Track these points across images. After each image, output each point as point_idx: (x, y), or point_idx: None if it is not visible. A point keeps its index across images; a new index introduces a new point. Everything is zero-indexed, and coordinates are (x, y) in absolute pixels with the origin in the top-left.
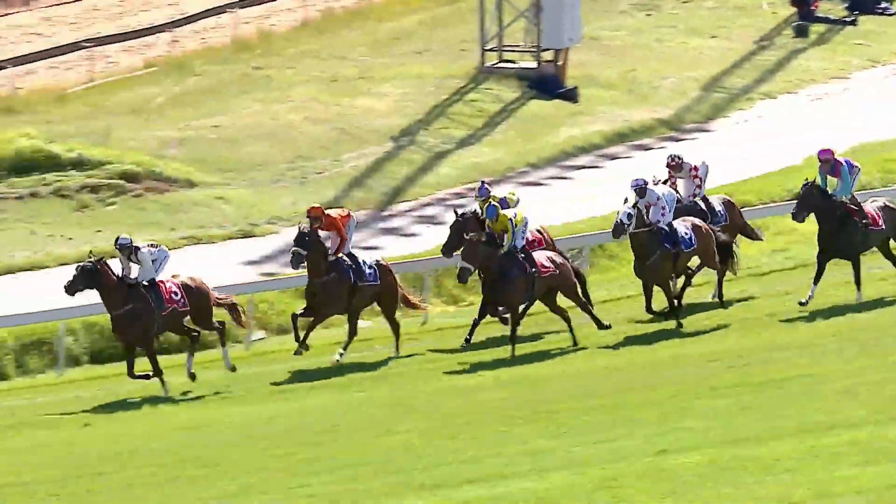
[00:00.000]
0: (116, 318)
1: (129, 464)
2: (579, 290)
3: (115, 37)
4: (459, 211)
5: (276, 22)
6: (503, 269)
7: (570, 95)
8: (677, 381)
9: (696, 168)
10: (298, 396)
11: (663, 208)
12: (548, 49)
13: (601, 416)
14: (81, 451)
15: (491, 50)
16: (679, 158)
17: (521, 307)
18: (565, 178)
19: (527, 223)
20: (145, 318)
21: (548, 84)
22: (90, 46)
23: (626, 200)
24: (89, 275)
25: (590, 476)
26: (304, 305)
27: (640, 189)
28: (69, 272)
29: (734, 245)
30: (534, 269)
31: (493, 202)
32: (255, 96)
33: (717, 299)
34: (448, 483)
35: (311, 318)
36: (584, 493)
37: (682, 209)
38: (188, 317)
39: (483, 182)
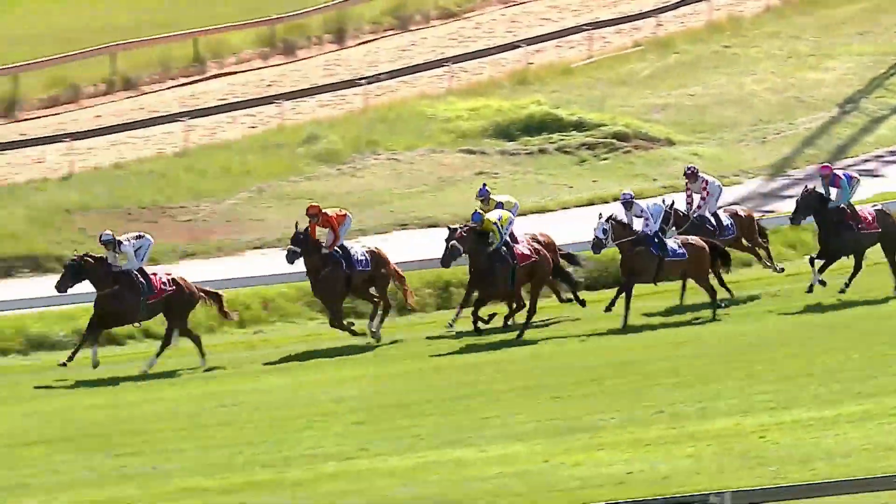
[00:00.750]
0: (101, 298)
1: (619, 374)
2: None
3: (610, 21)
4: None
5: (744, 8)
6: (490, 263)
7: None
8: None
9: (706, 182)
10: (746, 320)
11: (647, 220)
12: None
13: None
14: (581, 362)
15: None
16: (694, 169)
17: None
18: None
19: (511, 221)
20: (130, 302)
21: None
22: (589, 29)
23: (600, 216)
24: (75, 270)
25: None
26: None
27: (628, 203)
28: (570, 215)
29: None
30: (515, 262)
31: (478, 210)
32: (724, 70)
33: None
34: (882, 392)
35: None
36: None
37: (693, 225)
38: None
39: (484, 185)
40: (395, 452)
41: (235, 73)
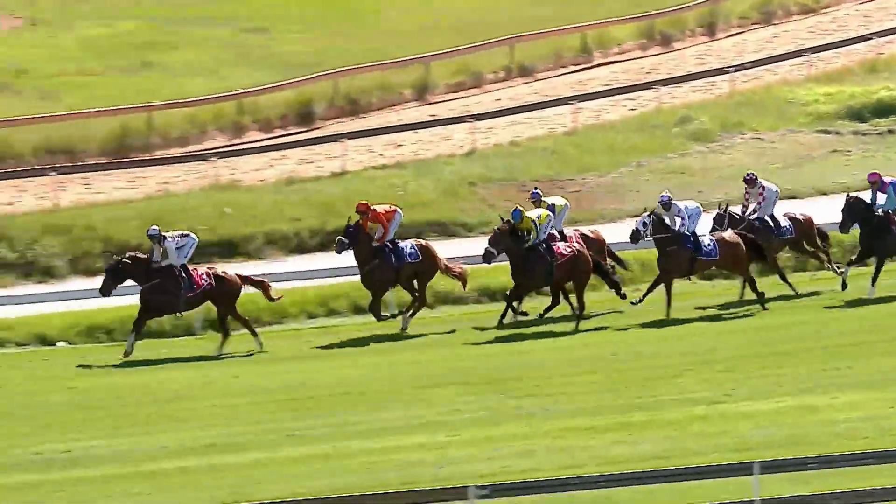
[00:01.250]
0: (144, 290)
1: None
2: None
3: None
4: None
5: None
6: (527, 259)
7: None
8: None
9: (763, 188)
10: None
11: (683, 219)
12: None
13: None
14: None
15: None
16: (754, 175)
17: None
18: None
19: (550, 220)
20: (170, 294)
21: None
22: None
23: (644, 210)
24: (115, 273)
25: None
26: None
27: (666, 203)
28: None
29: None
30: (553, 258)
31: (518, 207)
32: None
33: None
34: None
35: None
36: None
37: (750, 226)
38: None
39: (536, 188)
40: (756, 398)
41: (618, 61)
